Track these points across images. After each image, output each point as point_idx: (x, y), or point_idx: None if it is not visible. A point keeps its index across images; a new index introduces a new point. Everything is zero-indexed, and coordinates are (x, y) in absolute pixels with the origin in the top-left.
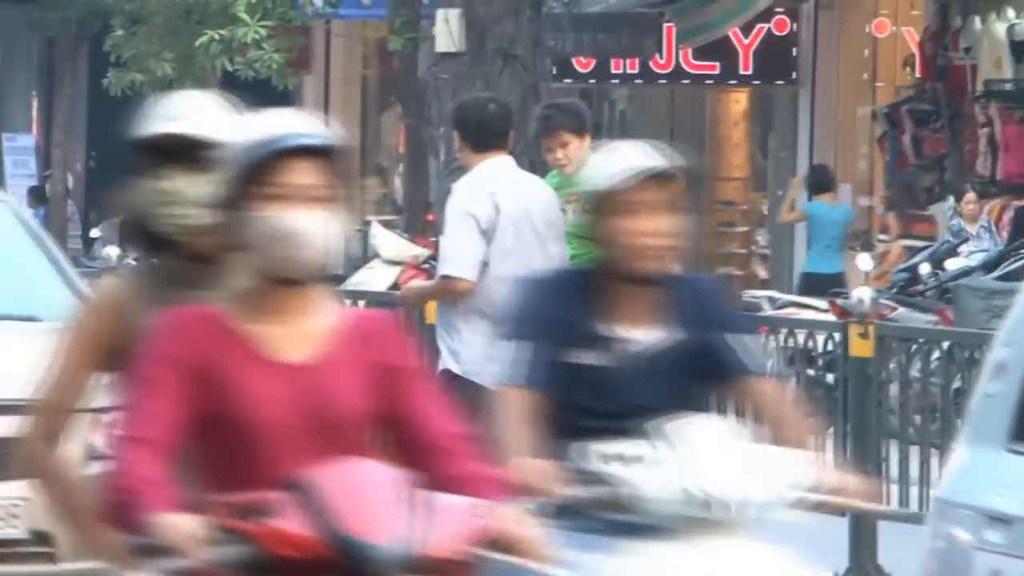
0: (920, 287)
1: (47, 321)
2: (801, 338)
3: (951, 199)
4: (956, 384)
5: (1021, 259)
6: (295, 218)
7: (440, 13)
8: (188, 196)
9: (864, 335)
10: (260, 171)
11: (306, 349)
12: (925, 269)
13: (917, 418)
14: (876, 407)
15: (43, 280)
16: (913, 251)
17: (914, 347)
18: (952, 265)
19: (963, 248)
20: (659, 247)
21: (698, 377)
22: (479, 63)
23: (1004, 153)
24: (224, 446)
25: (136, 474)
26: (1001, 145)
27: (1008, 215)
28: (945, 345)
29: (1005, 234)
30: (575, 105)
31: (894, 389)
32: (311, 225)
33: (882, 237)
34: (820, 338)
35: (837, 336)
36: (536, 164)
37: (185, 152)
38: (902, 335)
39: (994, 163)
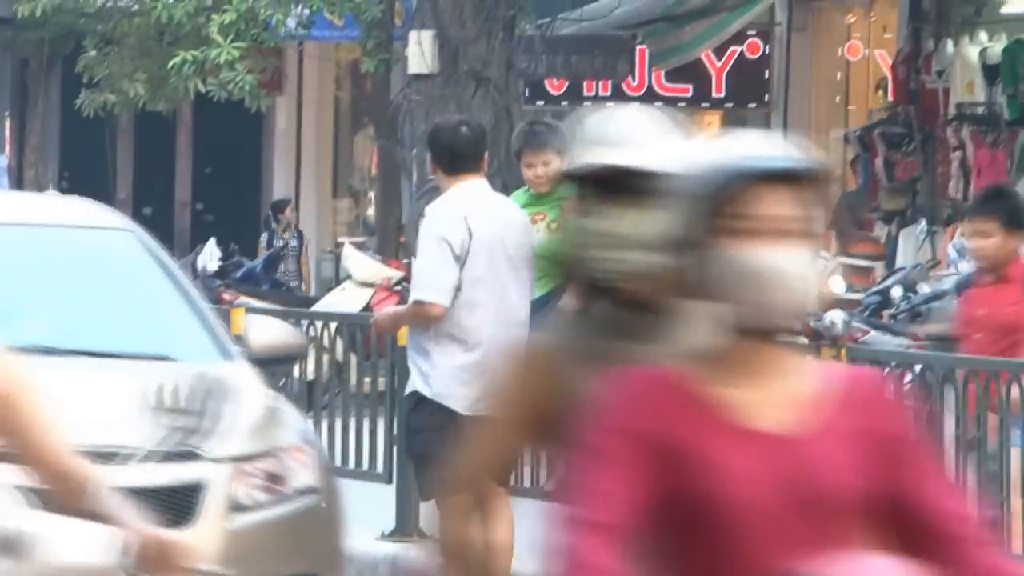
0: (892, 310)
1: (180, 360)
2: None
3: (923, 222)
4: (928, 407)
5: None
6: (775, 256)
7: (413, 35)
8: (631, 236)
9: (836, 357)
10: (727, 202)
11: (788, 416)
12: (897, 292)
13: None
14: None
15: (175, 316)
16: (853, 269)
17: (886, 370)
18: (924, 288)
19: (935, 271)
20: None
21: None
22: (452, 84)
23: (976, 177)
24: (691, 531)
25: (589, 564)
26: (973, 169)
27: None
28: (917, 368)
29: None
30: (561, 127)
31: None
32: (793, 264)
33: (823, 255)
34: None
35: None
36: (508, 186)
37: (625, 184)
38: (873, 358)
39: (966, 186)
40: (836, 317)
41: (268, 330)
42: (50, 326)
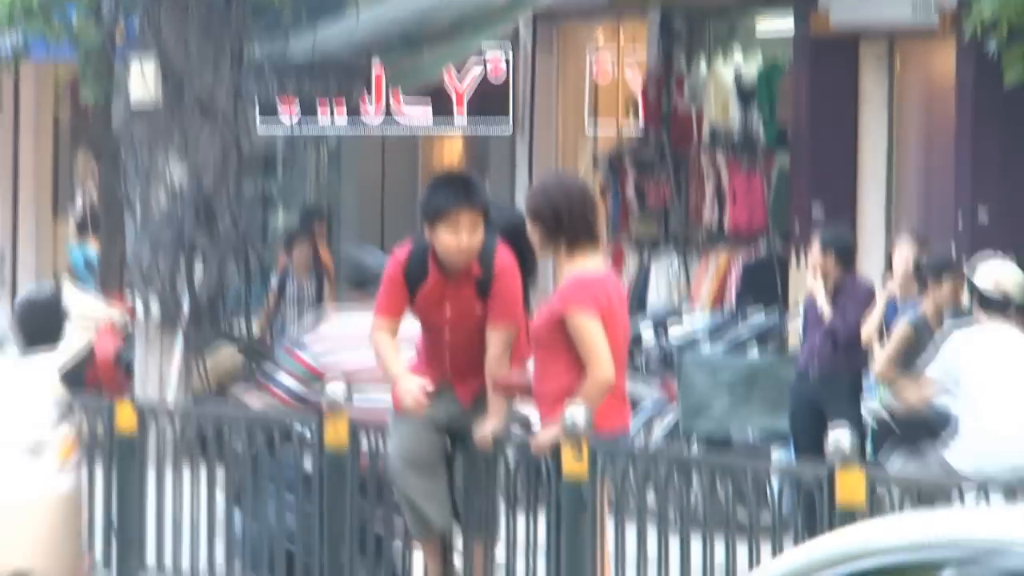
0: (644, 355)
1: None
2: None
3: (675, 261)
4: None
5: (747, 325)
6: None
7: (135, 63)
8: None
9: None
10: None
11: None
12: (648, 335)
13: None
14: None
15: None
16: None
17: None
18: (676, 331)
19: (688, 308)
20: None
21: None
22: (177, 117)
23: (732, 203)
24: None
25: None
26: (728, 195)
27: (736, 268)
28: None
29: (734, 287)
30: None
31: None
32: None
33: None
34: None
35: None
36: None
37: None
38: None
39: (721, 213)
40: None
41: None
42: None
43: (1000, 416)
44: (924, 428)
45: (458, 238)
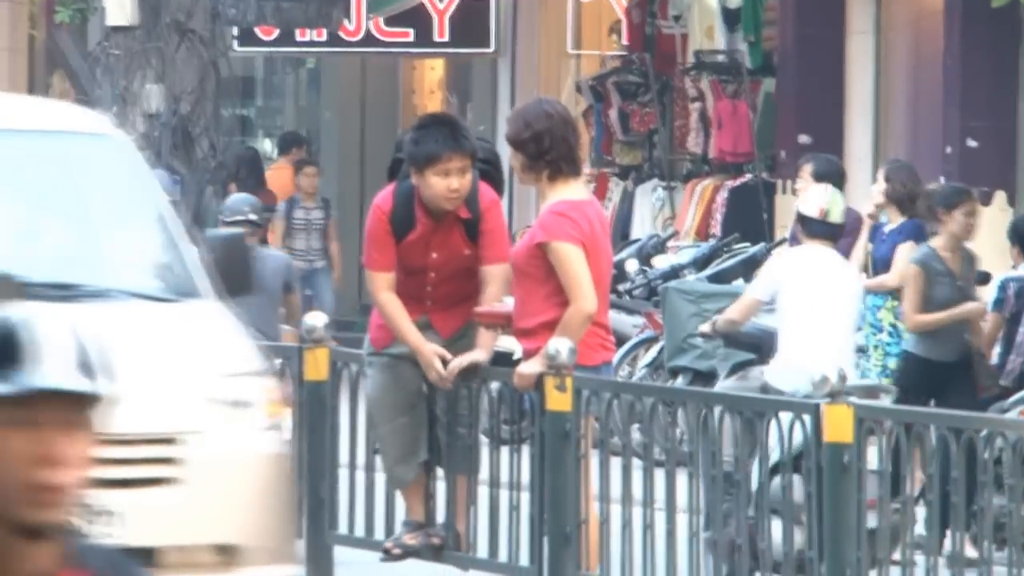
0: (627, 285)
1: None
2: None
3: (660, 189)
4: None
5: (733, 256)
6: None
7: None
8: None
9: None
10: None
11: None
12: (632, 266)
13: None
14: None
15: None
16: None
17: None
18: (660, 262)
19: (674, 240)
20: None
21: None
22: (153, 37)
23: (716, 129)
24: None
25: None
26: (713, 121)
27: (722, 196)
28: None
29: (719, 216)
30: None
31: None
32: None
33: None
34: None
35: None
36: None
37: None
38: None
39: (706, 140)
40: None
41: None
42: None
43: (816, 336)
44: (748, 347)
45: (448, 183)
